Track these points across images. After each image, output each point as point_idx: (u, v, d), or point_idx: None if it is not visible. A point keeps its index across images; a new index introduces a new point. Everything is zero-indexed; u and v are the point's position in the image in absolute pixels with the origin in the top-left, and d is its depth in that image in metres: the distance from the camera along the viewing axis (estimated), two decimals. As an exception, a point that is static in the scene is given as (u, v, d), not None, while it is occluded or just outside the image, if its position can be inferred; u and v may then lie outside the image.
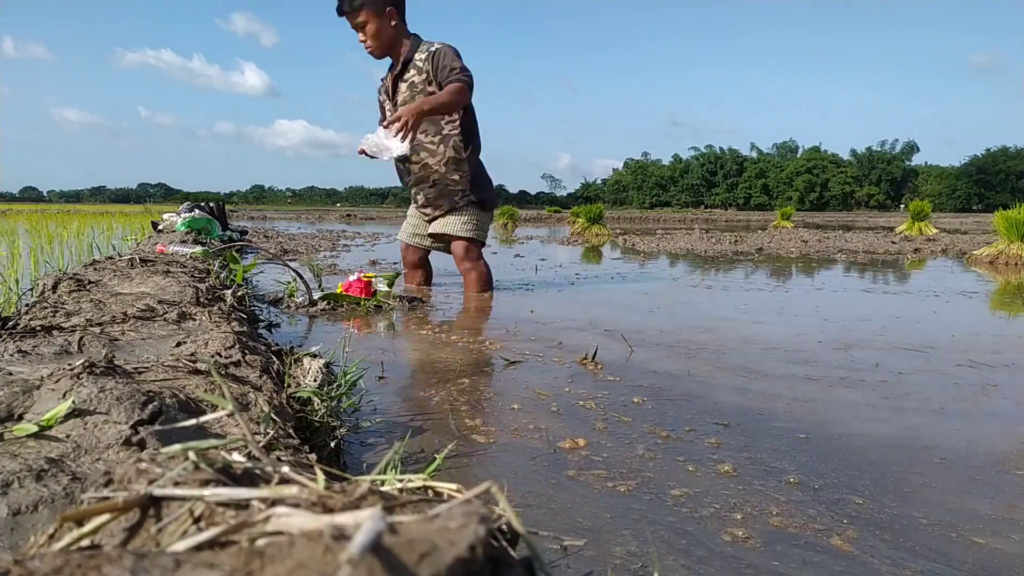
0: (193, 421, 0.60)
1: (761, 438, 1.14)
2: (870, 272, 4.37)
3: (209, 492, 0.37)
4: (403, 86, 2.78)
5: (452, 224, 2.86)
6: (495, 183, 3.09)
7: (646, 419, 1.23)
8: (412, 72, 2.76)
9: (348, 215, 20.37)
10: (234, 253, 2.91)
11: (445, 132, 2.78)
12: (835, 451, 1.09)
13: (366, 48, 2.76)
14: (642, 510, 0.86)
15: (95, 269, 2.09)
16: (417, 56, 2.75)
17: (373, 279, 2.62)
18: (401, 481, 0.46)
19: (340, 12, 2.71)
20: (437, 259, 3.23)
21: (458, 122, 2.78)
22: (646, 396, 1.38)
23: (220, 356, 1.07)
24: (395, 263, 4.23)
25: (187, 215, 5.11)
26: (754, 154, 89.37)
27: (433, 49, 2.71)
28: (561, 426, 1.18)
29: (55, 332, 1.16)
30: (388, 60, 2.88)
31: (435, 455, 0.97)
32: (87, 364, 0.78)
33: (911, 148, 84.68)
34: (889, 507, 0.88)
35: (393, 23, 2.73)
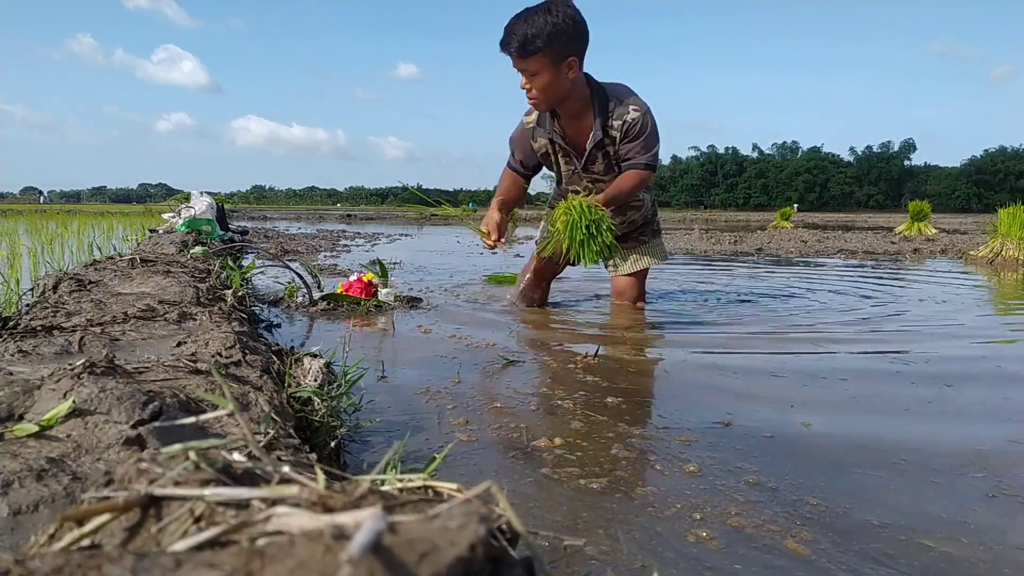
0: (193, 419, 0.60)
1: (728, 437, 1.15)
2: (865, 272, 4.37)
3: (209, 492, 0.37)
4: (600, 155, 2.37)
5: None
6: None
7: (621, 417, 1.24)
8: (608, 141, 2.34)
9: (348, 215, 20.35)
10: (230, 262, 2.89)
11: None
12: (797, 451, 1.09)
13: (529, 98, 2.29)
14: (614, 508, 0.87)
15: (96, 269, 2.09)
16: (611, 123, 2.30)
17: (374, 279, 2.62)
18: (401, 481, 0.46)
19: (506, 50, 2.19)
20: (441, 263, 3.22)
21: None
22: (622, 396, 1.39)
23: (221, 356, 1.07)
24: (395, 263, 4.23)
25: (187, 214, 5.10)
26: (755, 154, 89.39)
27: (629, 119, 2.28)
28: (540, 425, 1.20)
29: (56, 332, 1.16)
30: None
31: (434, 455, 0.97)
32: (88, 364, 0.78)
33: (909, 147, 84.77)
34: (843, 508, 0.88)
35: (571, 74, 2.22)
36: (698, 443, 1.11)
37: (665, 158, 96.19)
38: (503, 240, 2.51)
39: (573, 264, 2.39)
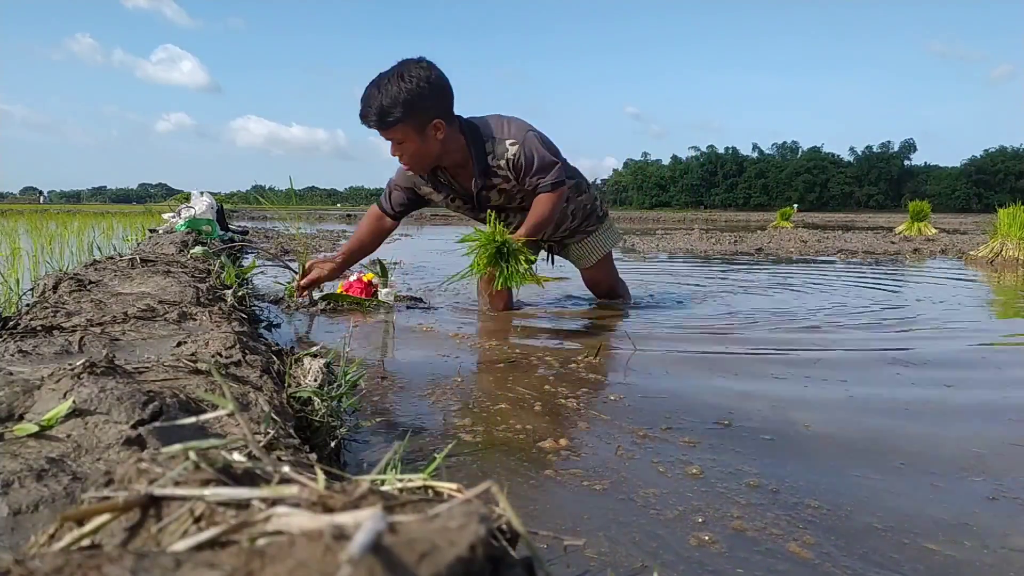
0: (193, 419, 0.60)
1: (729, 438, 1.14)
2: (865, 272, 4.37)
3: (209, 492, 0.37)
4: (493, 194, 2.32)
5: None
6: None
7: (625, 418, 1.24)
8: (498, 180, 2.27)
9: (348, 216, 20.37)
10: (223, 259, 2.88)
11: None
12: (798, 453, 1.09)
13: (402, 163, 2.26)
14: (616, 510, 0.87)
15: (96, 269, 2.09)
16: (496, 163, 2.24)
17: (374, 279, 2.62)
18: (401, 481, 0.46)
19: (366, 123, 2.11)
20: (440, 262, 3.21)
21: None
22: (624, 395, 1.39)
23: (221, 356, 1.07)
24: (395, 263, 4.23)
25: (188, 214, 5.10)
26: (755, 154, 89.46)
27: (510, 156, 2.20)
28: (544, 426, 1.19)
29: (56, 332, 1.16)
30: None
31: (435, 455, 0.97)
32: (88, 364, 0.78)
33: (909, 147, 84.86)
34: (845, 511, 0.88)
35: (440, 136, 2.14)
36: (699, 444, 1.11)
37: (665, 158, 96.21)
38: (305, 292, 2.47)
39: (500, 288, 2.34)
